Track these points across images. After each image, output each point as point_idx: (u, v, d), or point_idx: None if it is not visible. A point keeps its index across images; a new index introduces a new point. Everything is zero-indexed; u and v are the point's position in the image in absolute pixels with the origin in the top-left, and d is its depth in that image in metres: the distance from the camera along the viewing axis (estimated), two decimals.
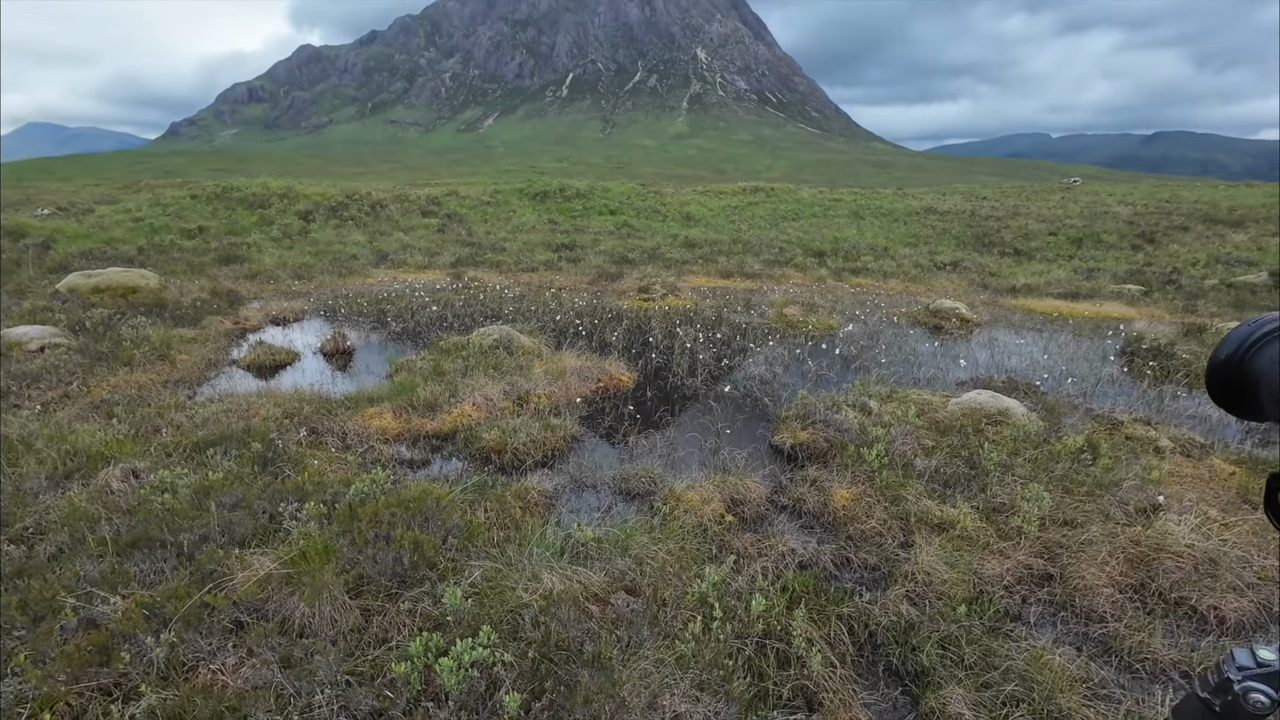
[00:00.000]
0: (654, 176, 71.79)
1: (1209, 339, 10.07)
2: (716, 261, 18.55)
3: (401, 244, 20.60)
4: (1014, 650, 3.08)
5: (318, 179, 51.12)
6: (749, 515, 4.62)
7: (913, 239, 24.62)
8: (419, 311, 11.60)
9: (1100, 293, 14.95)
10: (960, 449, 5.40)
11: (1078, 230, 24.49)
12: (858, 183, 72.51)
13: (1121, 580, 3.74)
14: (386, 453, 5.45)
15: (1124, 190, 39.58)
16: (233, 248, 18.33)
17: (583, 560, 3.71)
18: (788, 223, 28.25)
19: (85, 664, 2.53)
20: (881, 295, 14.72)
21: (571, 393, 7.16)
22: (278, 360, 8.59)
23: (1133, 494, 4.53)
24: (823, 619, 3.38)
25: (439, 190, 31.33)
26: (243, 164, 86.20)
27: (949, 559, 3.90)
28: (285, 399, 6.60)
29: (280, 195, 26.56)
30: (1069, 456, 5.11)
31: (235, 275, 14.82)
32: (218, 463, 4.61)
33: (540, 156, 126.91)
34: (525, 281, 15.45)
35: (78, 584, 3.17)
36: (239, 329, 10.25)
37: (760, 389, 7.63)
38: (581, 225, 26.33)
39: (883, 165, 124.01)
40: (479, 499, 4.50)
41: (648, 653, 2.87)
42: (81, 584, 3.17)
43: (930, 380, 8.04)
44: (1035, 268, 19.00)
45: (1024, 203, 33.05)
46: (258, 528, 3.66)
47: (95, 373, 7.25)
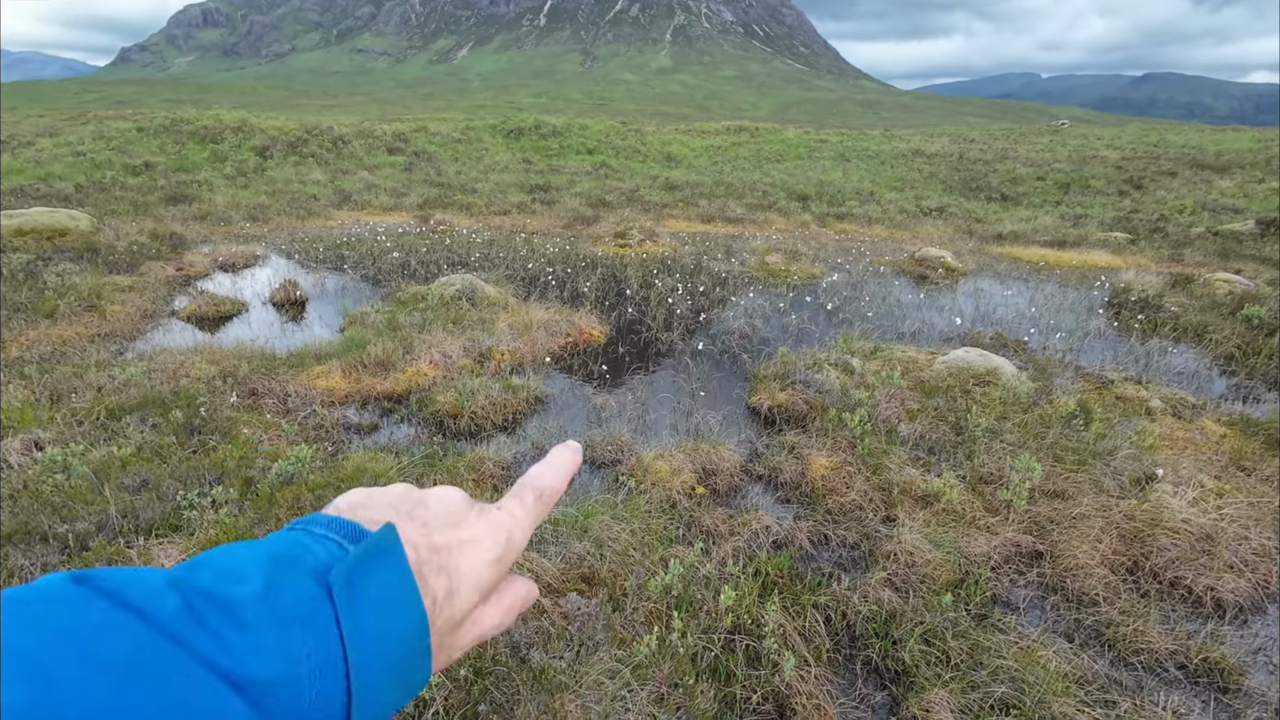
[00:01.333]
0: (635, 114, 69.08)
1: (1197, 290, 9.85)
2: (697, 205, 17.83)
3: (366, 184, 19.47)
4: (1003, 645, 2.83)
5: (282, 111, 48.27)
6: (722, 487, 4.30)
7: (899, 183, 23.96)
8: (381, 258, 10.90)
9: (1087, 240, 14.63)
10: (946, 412, 5.10)
11: (1065, 175, 24.00)
12: (845, 123, 70.62)
13: (1114, 559, 3.51)
14: (330, 417, 5.00)
15: (1112, 134, 38.89)
16: (181, 186, 17.13)
17: (537, 545, 3.36)
18: (772, 164, 27.30)
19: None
20: (866, 242, 14.25)
21: (538, 349, 6.71)
22: (222, 311, 7.97)
23: (1127, 463, 4.28)
24: (797, 609, 3.10)
25: (407, 126, 29.62)
26: (201, 94, 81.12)
27: (933, 536, 3.63)
28: (223, 356, 6.06)
29: (234, 129, 24.86)
30: (1060, 421, 4.85)
31: (183, 216, 13.83)
32: (132, 434, 4.14)
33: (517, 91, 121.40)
34: (496, 225, 14.67)
35: None
36: (182, 276, 9.52)
37: (739, 344, 7.24)
38: (557, 165, 25.17)
39: (870, 105, 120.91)
40: (428, 472, 4.12)
41: (601, 660, 2.56)
42: None
43: (915, 334, 7.72)
44: (1022, 214, 18.59)
45: (1012, 145, 32.31)
46: (166, 513, 3.23)
47: (11, 325, 6.60)
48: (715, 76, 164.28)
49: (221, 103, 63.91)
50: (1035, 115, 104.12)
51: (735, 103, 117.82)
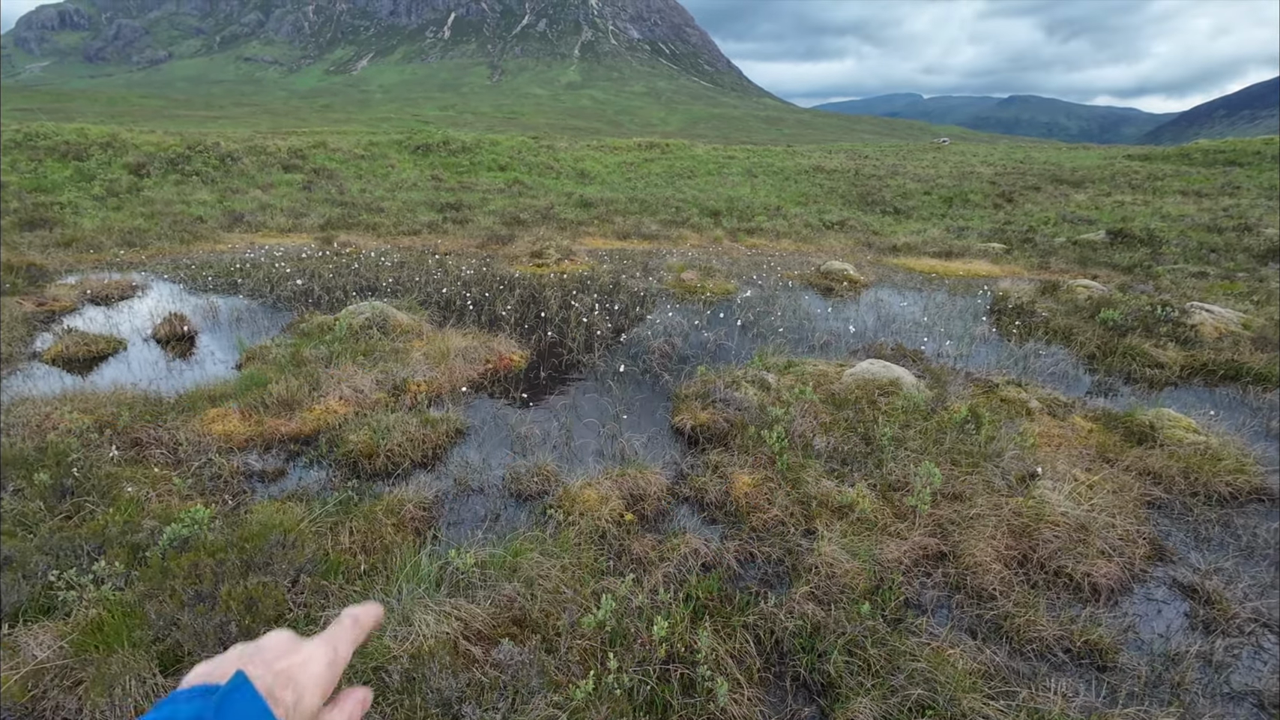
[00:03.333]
0: (547, 128, 68.93)
1: (1062, 296, 10.99)
2: (613, 222, 18.00)
3: (260, 204, 18.27)
4: (916, 648, 3.03)
5: (160, 123, 44.42)
6: (650, 512, 4.35)
7: (803, 198, 25.24)
8: (280, 284, 10.26)
9: (969, 251, 15.99)
10: (856, 424, 5.41)
11: (948, 190, 26.15)
12: (750, 139, 73.66)
13: (1007, 554, 3.84)
14: (230, 466, 4.64)
15: (985, 151, 42.82)
16: (40, 209, 15.39)
17: (464, 590, 3.26)
18: (684, 180, 28.03)
19: None
20: (775, 256, 14.90)
21: (456, 378, 6.54)
22: (95, 351, 7.21)
23: (1014, 463, 4.71)
24: (728, 631, 3.18)
25: (304, 141, 28.08)
26: (60, 104, 73.28)
27: (850, 546, 3.84)
28: (99, 403, 5.49)
29: (103, 145, 22.66)
30: (955, 426, 5.26)
31: (43, 243, 12.42)
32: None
33: (423, 104, 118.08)
34: (406, 246, 14.17)
35: None
36: (44, 312, 8.55)
37: (659, 363, 7.36)
38: (469, 182, 24.66)
39: (773, 121, 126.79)
40: (342, 519, 3.90)
41: (538, 707, 2.51)
42: None
43: (825, 347, 8.14)
44: (913, 226, 20.06)
45: (901, 162, 34.87)
46: (34, 594, 2.88)
47: None
48: (625, 92, 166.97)
49: (85, 113, 58.03)
50: (919, 133, 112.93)
51: (645, 118, 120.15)
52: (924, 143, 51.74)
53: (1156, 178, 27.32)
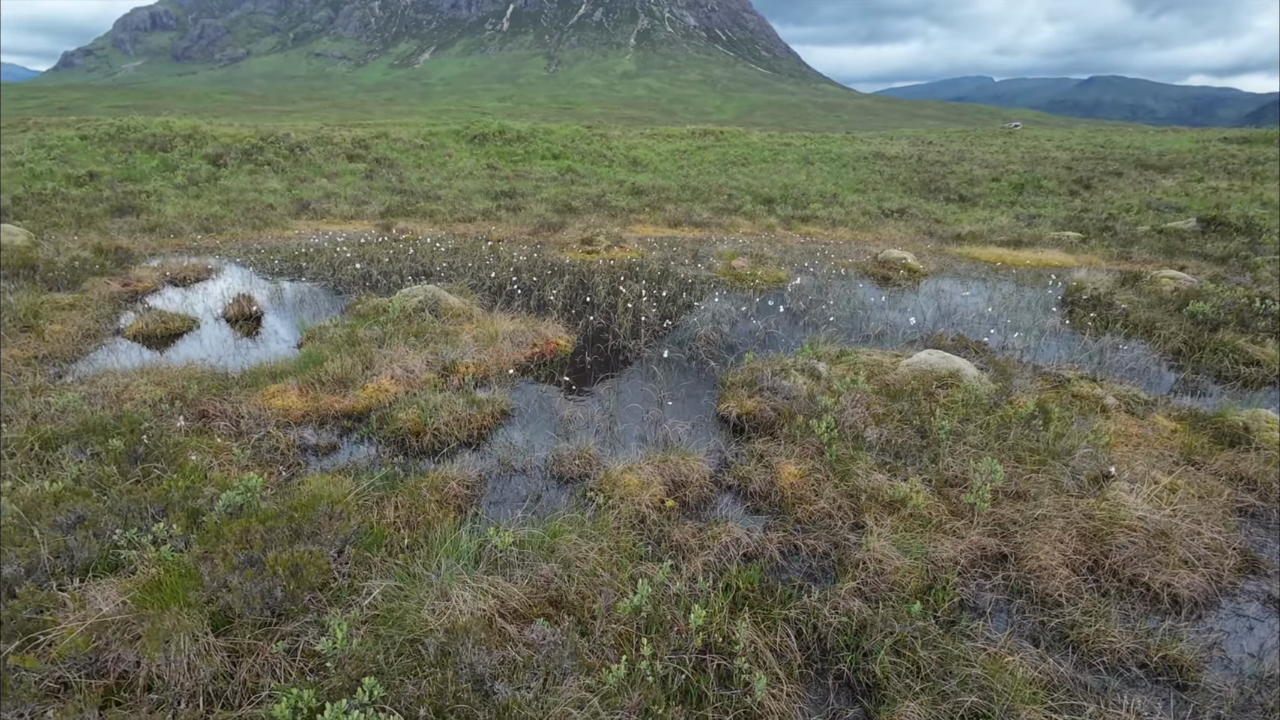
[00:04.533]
0: (601, 118, 69.05)
1: (1145, 287, 10.21)
2: (664, 209, 17.85)
3: (325, 192, 19.00)
4: (971, 652, 2.85)
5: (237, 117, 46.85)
6: (691, 499, 4.26)
7: (861, 185, 24.39)
8: (341, 269, 10.62)
9: (1041, 240, 15.08)
10: (911, 416, 5.16)
11: (1019, 176, 24.74)
12: (807, 126, 71.79)
13: (1075, 559, 3.58)
14: (286, 439, 4.81)
15: (1061, 135, 40.31)
16: (129, 197, 16.45)
17: (502, 568, 3.27)
18: (737, 168, 27.53)
19: None
20: (830, 244, 14.44)
21: (504, 360, 6.60)
22: (172, 328, 7.64)
23: (1085, 462, 4.38)
24: (768, 624, 3.07)
25: (367, 132, 29.02)
26: (150, 100, 78.28)
27: (901, 543, 3.65)
28: (171, 377, 5.80)
29: (185, 137, 24.03)
30: (1020, 422, 4.94)
31: (130, 229, 13.27)
32: (68, 465, 3.91)
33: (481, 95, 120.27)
34: (461, 233, 14.45)
35: None
36: (129, 292, 9.12)
37: (706, 351, 7.23)
38: (523, 171, 24.95)
39: (832, 108, 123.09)
40: (388, 494, 3.98)
41: (569, 689, 2.48)
42: None
43: (880, 337, 7.82)
44: (979, 214, 19.08)
45: (968, 148, 33.21)
46: (104, 552, 3.05)
47: None
48: (679, 80, 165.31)
49: (172, 109, 61.75)
50: (989, 117, 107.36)
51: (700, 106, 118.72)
52: (993, 128, 49.14)
53: (1257, 162, 25.06)
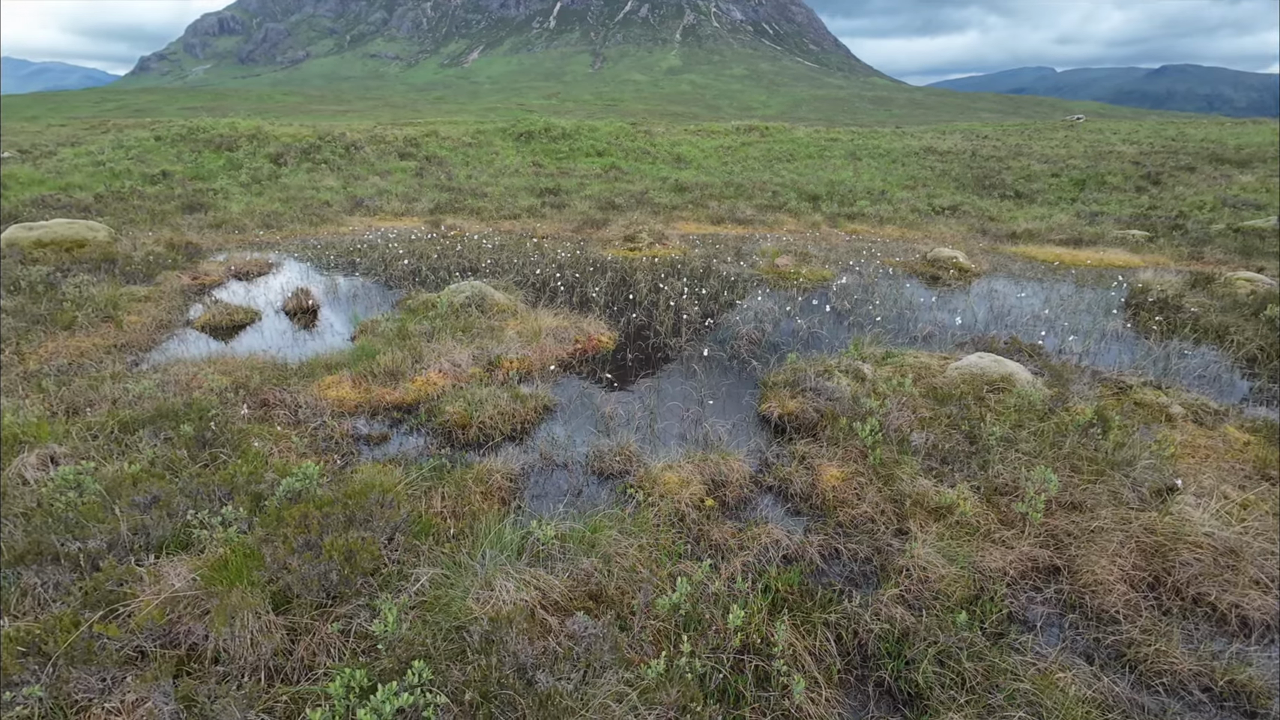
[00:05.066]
0: (645, 114, 69.04)
1: (1218, 290, 9.64)
2: (707, 206, 17.76)
3: (378, 189, 19.61)
4: (1019, 666, 2.77)
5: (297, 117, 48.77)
6: (731, 499, 4.26)
7: (911, 181, 23.72)
8: (392, 264, 10.97)
9: (1103, 239, 14.40)
10: (960, 420, 5.02)
11: (1081, 171, 23.64)
12: (855, 120, 70.18)
13: (1135, 575, 3.43)
14: (340, 428, 5.02)
15: (1129, 128, 38.26)
16: (198, 194, 17.34)
17: (544, 561, 3.34)
18: (782, 164, 27.15)
19: None
20: (877, 242, 14.12)
21: (546, 356, 6.70)
22: (236, 320, 8.04)
23: (1147, 474, 4.18)
24: (808, 627, 3.05)
25: (418, 130, 29.79)
26: (217, 102, 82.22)
27: (947, 550, 3.57)
28: (236, 366, 6.12)
29: (249, 137, 25.14)
30: (1077, 430, 4.75)
31: (199, 225, 14.00)
32: (144, 448, 4.17)
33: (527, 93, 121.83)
34: (506, 230, 14.71)
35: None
36: (197, 285, 9.63)
37: (748, 350, 7.19)
38: (567, 168, 25.19)
39: (881, 102, 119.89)
40: (435, 484, 4.11)
41: (609, 682, 2.53)
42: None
43: (927, 338, 7.62)
44: (1037, 211, 18.33)
45: (1026, 142, 31.89)
46: (176, 531, 3.25)
47: (31, 338, 6.71)
48: (725, 75, 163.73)
49: (237, 110, 64.68)
50: (1049, 110, 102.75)
51: (745, 101, 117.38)
52: (1054, 121, 47.04)
53: None
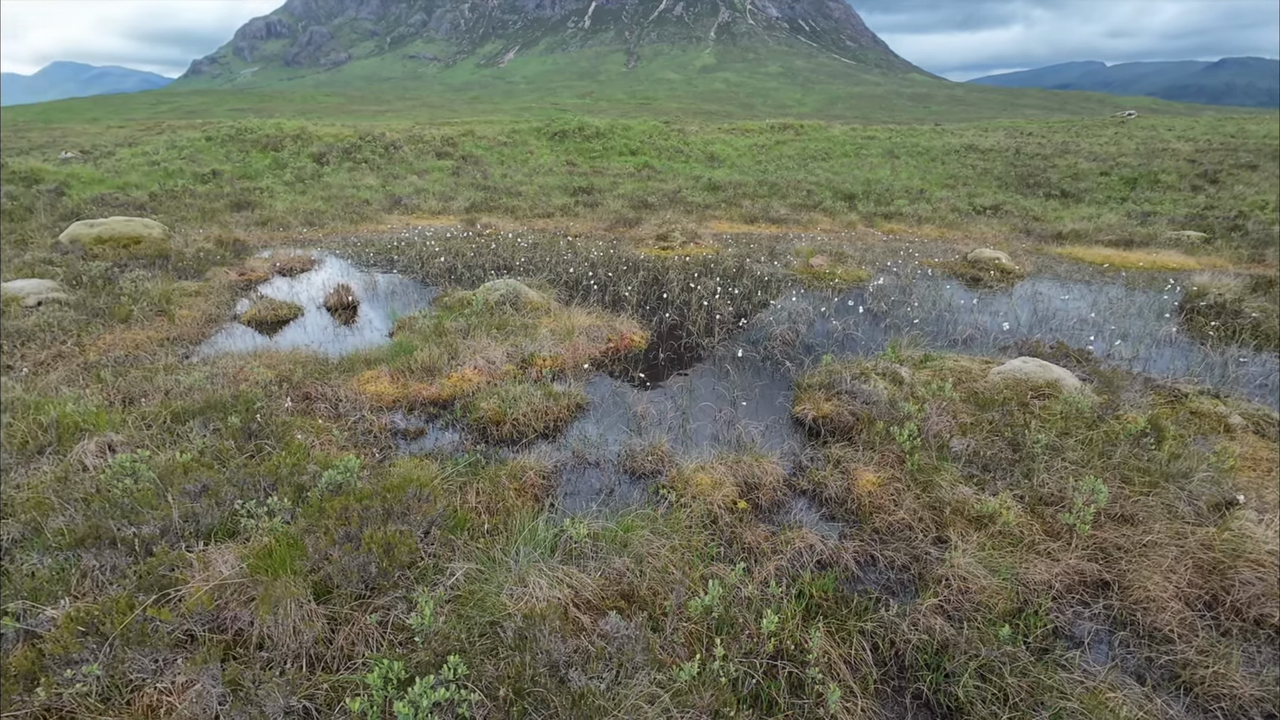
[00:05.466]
0: (678, 113, 68.82)
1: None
2: (740, 205, 17.63)
3: (415, 188, 19.99)
4: (1066, 683, 2.67)
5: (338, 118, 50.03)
6: (764, 502, 4.21)
7: (951, 180, 23.14)
8: (429, 262, 11.16)
9: (1156, 239, 13.82)
10: (1003, 427, 4.87)
11: (1132, 169, 22.73)
12: (893, 118, 68.76)
13: (1190, 592, 3.28)
14: (379, 423, 5.13)
15: (1184, 124, 36.63)
16: (245, 193, 17.93)
17: (576, 559, 3.36)
18: (817, 163, 26.77)
19: (9, 691, 2.27)
20: (915, 243, 13.81)
21: (579, 355, 6.74)
22: (280, 315, 8.29)
23: (1204, 487, 4.00)
24: (843, 635, 3.00)
25: (455, 130, 30.28)
26: (264, 103, 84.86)
27: (989, 561, 3.47)
28: (280, 360, 6.30)
29: (294, 137, 25.89)
30: (1128, 439, 4.56)
31: (246, 222, 14.48)
32: (195, 438, 4.33)
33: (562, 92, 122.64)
34: (540, 228, 14.84)
35: (26, 585, 2.92)
36: (244, 281, 9.96)
37: (782, 350, 7.11)
38: (600, 167, 25.29)
39: (920, 98, 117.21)
40: (470, 480, 4.17)
41: (641, 683, 2.52)
42: (30, 585, 2.92)
43: (968, 342, 7.42)
44: (1084, 211, 17.69)
45: (1073, 139, 30.80)
46: (224, 519, 3.36)
47: (90, 330, 7.02)
48: (759, 73, 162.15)
49: (282, 111, 66.67)
50: (1098, 106, 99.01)
51: (780, 99, 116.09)
52: (1103, 117, 45.32)
53: None
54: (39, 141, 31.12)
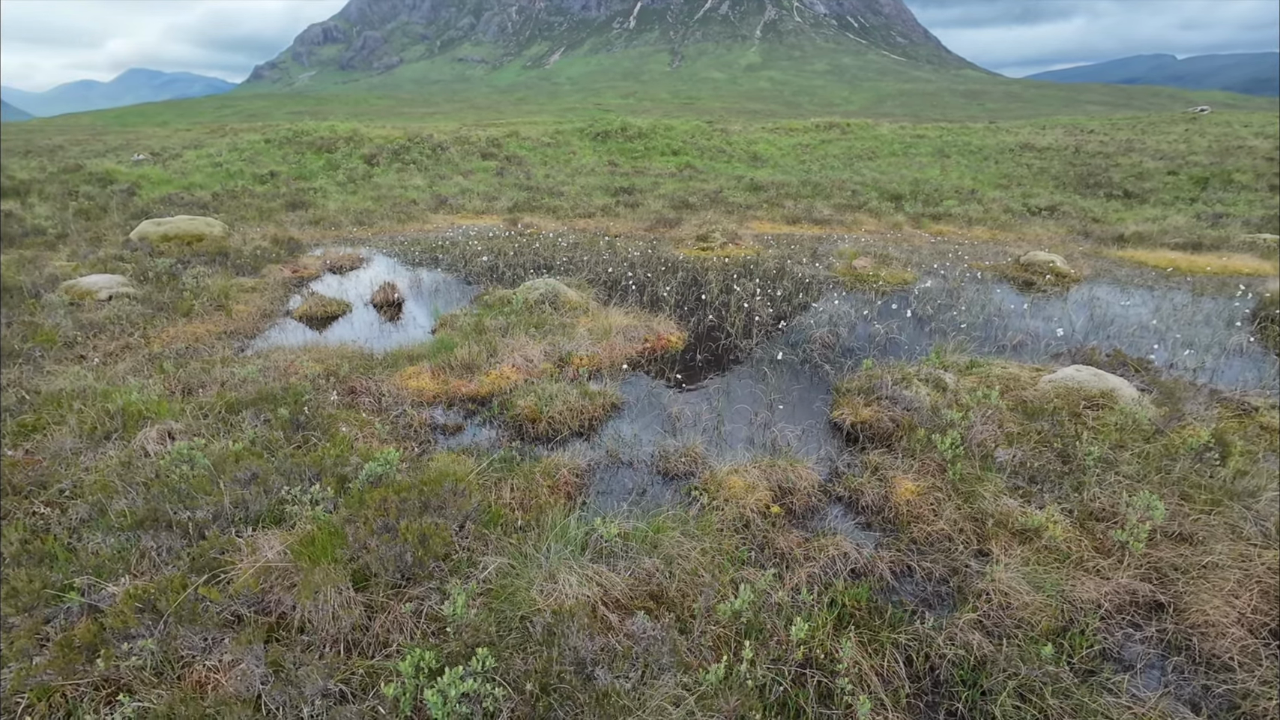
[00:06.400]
0: (722, 112, 68.39)
1: None
2: (783, 206, 17.40)
3: (460, 188, 20.43)
4: (1112, 708, 2.55)
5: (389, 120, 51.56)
6: (798, 507, 4.15)
7: (1004, 180, 22.32)
8: (471, 260, 11.39)
9: (1228, 243, 13.04)
10: (1052, 438, 4.68)
11: (1203, 168, 21.48)
12: (945, 116, 66.73)
13: (1254, 619, 3.08)
14: (419, 418, 5.26)
15: (1263, 120, 34.40)
16: (300, 193, 18.65)
17: (606, 558, 3.38)
18: (863, 162, 26.21)
19: (73, 660, 2.43)
20: (965, 245, 13.38)
21: (616, 354, 6.77)
22: (329, 311, 8.59)
23: (1273, 507, 3.75)
24: (875, 646, 2.93)
25: (500, 131, 30.82)
26: (320, 106, 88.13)
27: (1033, 576, 3.34)
28: (328, 355, 6.54)
29: (346, 139, 26.79)
30: (1189, 454, 4.32)
31: (300, 221, 15.05)
32: (246, 428, 4.53)
33: (605, 92, 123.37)
34: (581, 228, 14.97)
35: (90, 562, 3.11)
36: (297, 278, 10.36)
37: (821, 354, 6.99)
38: (642, 167, 25.34)
39: (974, 95, 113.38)
40: (505, 476, 4.24)
41: (666, 685, 2.52)
42: (94, 562, 3.11)
43: (1018, 348, 7.15)
44: (1149, 213, 16.82)
45: (1138, 136, 29.30)
46: (271, 506, 3.51)
47: (155, 323, 7.42)
48: (805, 71, 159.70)
49: (336, 114, 69.06)
50: (1168, 101, 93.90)
51: (826, 97, 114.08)
52: (1173, 113, 42.97)
53: None
54: (114, 144, 33.04)
